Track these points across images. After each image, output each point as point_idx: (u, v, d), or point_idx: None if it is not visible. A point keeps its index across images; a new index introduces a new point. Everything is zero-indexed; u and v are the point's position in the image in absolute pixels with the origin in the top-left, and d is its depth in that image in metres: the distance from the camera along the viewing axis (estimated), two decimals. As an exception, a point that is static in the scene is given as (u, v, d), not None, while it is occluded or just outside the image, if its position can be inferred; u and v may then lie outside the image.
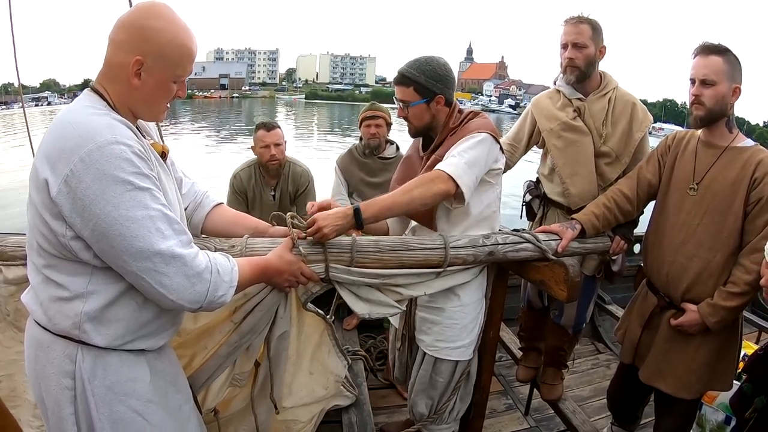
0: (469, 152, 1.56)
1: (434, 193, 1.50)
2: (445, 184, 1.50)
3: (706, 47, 1.62)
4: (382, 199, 1.48)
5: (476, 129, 1.62)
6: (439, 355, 1.78)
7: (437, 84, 1.65)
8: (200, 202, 1.47)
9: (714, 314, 1.64)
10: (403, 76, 1.66)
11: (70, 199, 0.97)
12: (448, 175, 1.50)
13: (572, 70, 1.99)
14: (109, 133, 0.99)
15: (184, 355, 1.46)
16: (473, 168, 1.55)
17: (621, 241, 1.92)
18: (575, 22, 1.95)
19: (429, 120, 1.70)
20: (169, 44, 1.06)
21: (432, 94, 1.65)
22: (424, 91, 1.65)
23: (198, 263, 1.07)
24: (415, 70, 1.64)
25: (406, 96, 1.67)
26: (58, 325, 1.07)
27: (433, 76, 1.64)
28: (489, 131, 1.62)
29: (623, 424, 2.23)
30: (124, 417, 1.12)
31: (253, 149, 2.85)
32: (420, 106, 1.67)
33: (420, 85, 1.64)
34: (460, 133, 1.65)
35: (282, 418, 1.75)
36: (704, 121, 1.66)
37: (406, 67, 1.66)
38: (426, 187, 1.49)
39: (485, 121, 1.69)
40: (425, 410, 1.87)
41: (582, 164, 2.05)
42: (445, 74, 1.67)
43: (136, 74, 1.06)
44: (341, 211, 1.42)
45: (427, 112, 1.68)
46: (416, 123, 1.71)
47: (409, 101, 1.67)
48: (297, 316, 1.63)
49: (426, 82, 1.64)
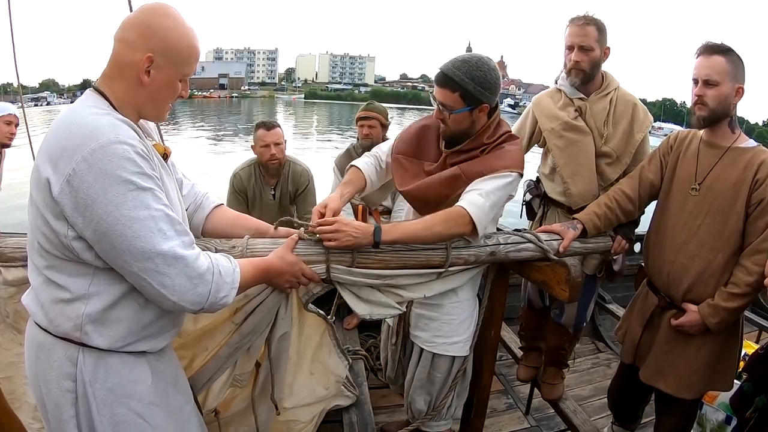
0: (496, 194, 1.51)
1: (455, 233, 1.50)
2: (466, 227, 1.48)
3: (709, 47, 1.61)
4: (404, 227, 1.47)
5: (510, 165, 1.54)
6: (437, 350, 1.78)
7: (485, 93, 1.49)
8: (200, 203, 1.46)
9: (715, 315, 1.64)
10: (449, 78, 1.48)
11: (72, 199, 0.96)
12: (470, 217, 1.47)
13: (577, 73, 1.97)
14: (112, 132, 0.99)
15: (185, 356, 1.46)
16: (494, 209, 1.54)
17: (622, 241, 1.92)
18: (582, 23, 1.92)
19: (467, 126, 1.57)
20: (178, 42, 1.07)
21: (478, 102, 1.50)
22: (471, 98, 1.49)
23: (200, 264, 1.06)
24: (465, 74, 1.46)
25: (449, 101, 1.50)
26: (60, 327, 1.07)
27: (483, 83, 1.48)
28: (519, 170, 1.56)
29: (624, 424, 2.23)
30: (125, 419, 1.12)
31: (253, 148, 2.85)
32: (463, 114, 1.52)
33: (467, 93, 1.48)
34: (492, 159, 1.56)
35: (283, 419, 1.75)
36: (707, 122, 1.65)
37: (453, 69, 1.47)
38: (448, 226, 1.47)
39: (518, 154, 1.60)
40: (424, 407, 1.87)
41: (583, 164, 2.04)
42: (495, 81, 1.51)
43: (146, 71, 1.06)
44: (363, 227, 1.41)
45: (468, 119, 1.54)
46: (454, 128, 1.57)
47: (452, 107, 1.51)
48: (298, 317, 1.63)
49: (475, 90, 1.47)
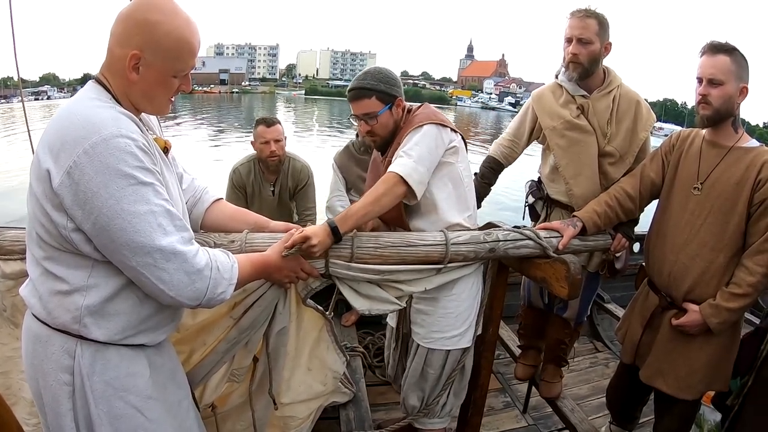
0: (417, 148, 1.57)
1: (397, 196, 1.53)
2: (401, 187, 1.53)
3: (714, 46, 1.60)
4: (355, 211, 1.48)
5: (418, 122, 1.62)
6: (432, 345, 1.78)
7: (394, 88, 1.64)
8: (200, 197, 1.46)
9: (716, 315, 1.64)
10: (361, 88, 1.63)
11: (72, 191, 0.96)
12: (400, 176, 1.51)
13: (575, 66, 1.92)
14: (114, 126, 0.98)
15: (183, 351, 1.45)
16: (422, 163, 1.56)
17: (622, 239, 1.91)
18: (582, 15, 1.88)
19: (393, 127, 1.69)
20: (166, 37, 1.04)
21: (393, 98, 1.64)
22: (385, 97, 1.63)
23: (198, 260, 1.06)
24: (371, 79, 1.62)
25: (369, 107, 1.63)
26: (58, 319, 1.06)
27: (388, 81, 1.64)
28: (430, 121, 1.62)
29: (622, 424, 2.23)
30: (123, 413, 1.12)
31: (253, 144, 2.84)
32: (385, 114, 1.65)
33: (381, 92, 1.62)
34: (405, 129, 1.65)
35: (280, 414, 1.74)
36: (711, 121, 1.65)
37: (359, 81, 1.64)
38: (387, 191, 1.51)
39: (426, 111, 1.69)
40: (417, 403, 1.87)
41: (586, 164, 2.01)
42: (396, 78, 1.67)
43: (133, 68, 1.04)
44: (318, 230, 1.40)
45: (390, 118, 1.67)
46: (383, 133, 1.69)
47: (374, 111, 1.63)
48: (296, 312, 1.62)
49: (386, 87, 1.62)
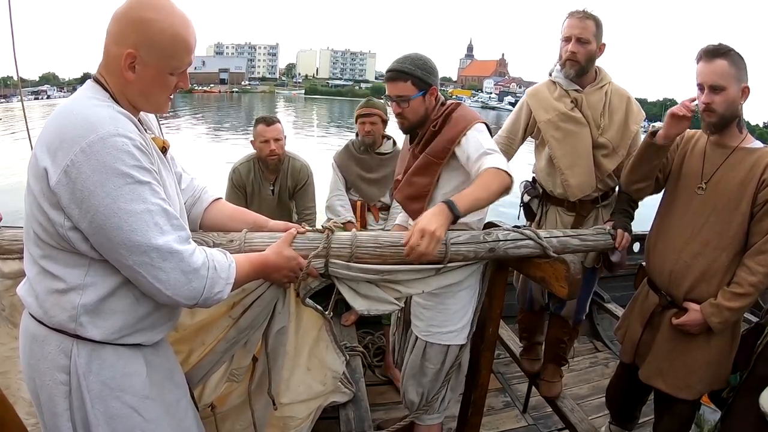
0: (490, 142, 1.63)
1: (505, 186, 1.51)
2: (508, 178, 1.52)
3: (710, 51, 1.58)
4: (469, 195, 1.46)
5: (472, 119, 1.67)
6: (431, 339, 1.78)
7: (431, 76, 1.68)
8: (199, 196, 1.46)
9: (717, 314, 1.63)
10: (399, 71, 1.66)
11: (69, 190, 0.96)
12: (505, 170, 1.51)
13: (573, 64, 1.99)
14: (112, 125, 0.98)
15: (182, 351, 1.45)
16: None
17: (624, 233, 1.90)
18: (581, 16, 1.95)
19: (423, 113, 1.72)
20: (161, 35, 1.03)
21: (427, 86, 1.68)
22: (421, 83, 1.66)
23: (195, 259, 1.06)
24: (410, 64, 1.66)
25: (404, 91, 1.67)
26: (54, 318, 1.06)
27: (426, 68, 1.67)
28: (478, 120, 1.68)
29: (621, 424, 2.23)
30: (119, 413, 1.11)
31: (252, 144, 2.83)
32: (417, 100, 1.68)
33: (417, 78, 1.65)
34: (451, 129, 1.67)
35: (279, 414, 1.74)
36: (717, 128, 1.64)
37: (399, 63, 1.67)
38: (498, 181, 1.49)
39: (468, 111, 1.73)
40: (416, 398, 1.87)
41: (581, 155, 2.05)
42: (434, 66, 1.71)
43: (129, 67, 1.04)
44: (437, 208, 1.40)
45: (422, 105, 1.70)
46: (412, 118, 1.72)
47: (408, 95, 1.67)
48: (295, 312, 1.61)
49: (422, 74, 1.66)
